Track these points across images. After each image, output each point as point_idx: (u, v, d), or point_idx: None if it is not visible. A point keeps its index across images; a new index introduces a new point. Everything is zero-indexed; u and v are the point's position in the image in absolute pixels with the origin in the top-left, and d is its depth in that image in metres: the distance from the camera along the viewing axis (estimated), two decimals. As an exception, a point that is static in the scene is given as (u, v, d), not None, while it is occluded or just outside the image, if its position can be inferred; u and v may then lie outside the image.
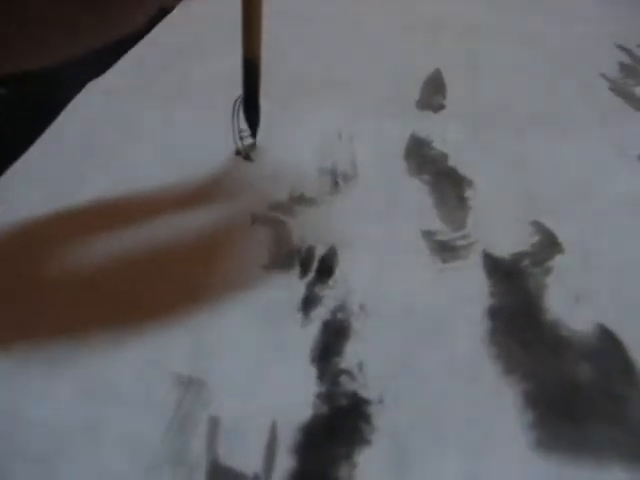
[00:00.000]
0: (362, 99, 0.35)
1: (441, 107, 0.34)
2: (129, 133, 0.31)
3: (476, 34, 0.42)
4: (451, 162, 0.30)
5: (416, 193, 0.28)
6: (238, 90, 0.28)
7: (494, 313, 0.22)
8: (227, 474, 0.17)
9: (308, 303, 0.22)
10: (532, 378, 0.20)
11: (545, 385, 0.20)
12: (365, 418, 0.19)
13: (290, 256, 0.24)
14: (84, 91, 0.35)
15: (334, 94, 0.35)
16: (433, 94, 0.35)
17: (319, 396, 0.19)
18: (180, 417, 0.19)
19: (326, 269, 0.24)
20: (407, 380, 0.20)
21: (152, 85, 0.36)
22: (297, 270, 0.24)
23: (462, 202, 0.27)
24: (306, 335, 0.21)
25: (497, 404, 0.19)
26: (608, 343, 0.21)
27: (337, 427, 0.19)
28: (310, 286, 0.23)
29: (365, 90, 0.36)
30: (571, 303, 0.23)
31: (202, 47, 0.40)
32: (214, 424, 0.19)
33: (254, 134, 0.30)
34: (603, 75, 0.37)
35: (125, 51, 0.39)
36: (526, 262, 0.24)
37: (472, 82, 0.36)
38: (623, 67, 0.37)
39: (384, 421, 0.19)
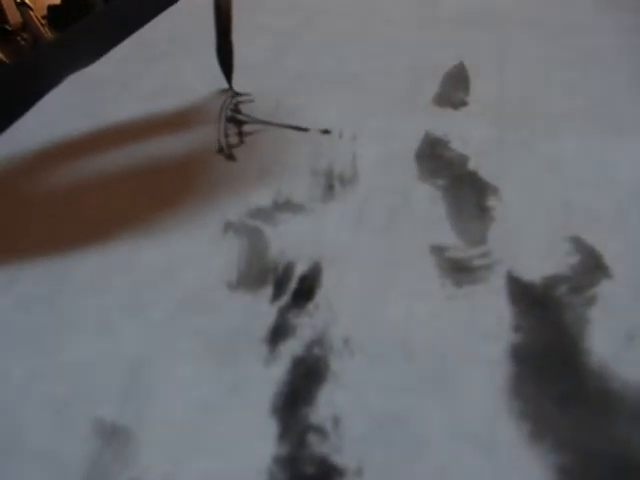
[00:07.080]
0: (372, 95, 0.30)
1: (463, 104, 0.29)
2: (101, 127, 0.28)
3: (507, 26, 0.37)
4: (472, 165, 0.25)
5: (427, 200, 0.23)
6: (225, 85, 0.29)
7: (519, 355, 0.17)
8: None
9: (277, 333, 0.18)
10: (569, 448, 0.15)
11: (587, 458, 0.14)
12: (335, 496, 0.14)
13: (263, 273, 0.20)
14: (63, 84, 0.32)
15: (342, 90, 0.31)
16: (454, 89, 0.31)
17: (278, 460, 0.15)
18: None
19: (305, 291, 0.19)
20: (397, 445, 0.15)
21: (134, 79, 0.32)
22: (269, 291, 0.19)
23: (483, 212, 0.22)
24: (270, 375, 0.16)
25: (520, 483, 0.14)
26: (676, 404, 0.16)
27: (297, 507, 0.14)
28: (283, 312, 0.18)
29: (377, 86, 0.31)
30: (622, 343, 0.17)
31: (193, 41, 0.36)
32: (134, 493, 0.14)
33: (229, 81, 0.30)
34: (658, 69, 0.31)
35: (114, 45, 0.36)
36: (563, 289, 0.19)
37: (500, 77, 0.31)
38: (682, 60, 0.32)
39: (361, 502, 0.14)
